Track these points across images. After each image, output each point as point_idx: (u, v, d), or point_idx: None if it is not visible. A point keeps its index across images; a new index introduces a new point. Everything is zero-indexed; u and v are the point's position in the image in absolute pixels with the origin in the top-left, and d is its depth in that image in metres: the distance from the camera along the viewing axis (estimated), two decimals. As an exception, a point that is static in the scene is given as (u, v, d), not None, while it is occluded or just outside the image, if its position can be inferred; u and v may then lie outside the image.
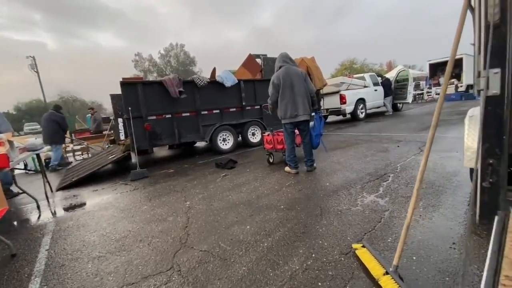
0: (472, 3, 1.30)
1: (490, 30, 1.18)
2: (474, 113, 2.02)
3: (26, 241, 2.50)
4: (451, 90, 13.73)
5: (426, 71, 17.23)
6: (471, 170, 2.22)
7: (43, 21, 72.49)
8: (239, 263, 1.72)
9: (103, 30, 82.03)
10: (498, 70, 1.21)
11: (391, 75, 11.98)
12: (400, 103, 11.00)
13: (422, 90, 16.78)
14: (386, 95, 10.22)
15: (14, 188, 4.10)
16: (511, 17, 1.22)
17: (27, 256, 2.19)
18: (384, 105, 10.42)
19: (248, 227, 2.22)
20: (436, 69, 15.51)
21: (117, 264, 1.89)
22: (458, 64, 13.69)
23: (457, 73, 14.06)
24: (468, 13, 1.28)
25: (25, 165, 5.68)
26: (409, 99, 10.61)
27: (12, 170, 3.67)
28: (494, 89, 1.24)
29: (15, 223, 3.08)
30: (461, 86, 13.75)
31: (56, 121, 6.50)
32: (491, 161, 1.32)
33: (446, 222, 1.93)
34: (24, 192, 3.40)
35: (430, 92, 15.96)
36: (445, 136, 4.89)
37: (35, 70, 26.78)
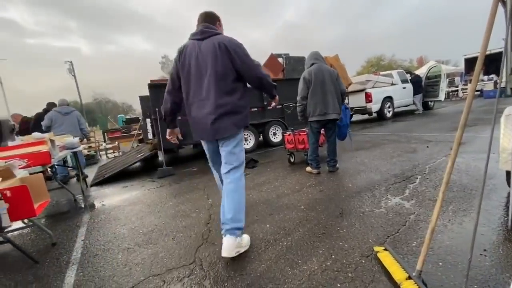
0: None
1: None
2: (511, 112, 1.87)
3: (64, 232, 2.74)
4: (490, 86, 12.69)
5: (461, 67, 16.06)
6: (508, 172, 2.07)
7: (78, 28, 78.84)
8: (258, 261, 1.75)
9: (133, 34, 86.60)
10: (535, 66, 1.12)
11: (421, 72, 11.36)
12: (431, 101, 10.38)
13: (457, 86, 15.68)
14: (416, 93, 9.69)
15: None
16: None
17: (65, 245, 2.40)
18: (414, 103, 9.90)
19: (267, 226, 2.25)
20: (473, 64, 14.37)
21: (144, 256, 2.01)
22: (496, 58, 12.64)
23: (496, 68, 12.96)
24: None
25: (64, 162, 6.19)
26: (442, 96, 9.97)
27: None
28: (531, 87, 1.16)
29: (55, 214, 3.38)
30: (501, 82, 12.65)
31: None
32: (527, 164, 1.23)
33: (477, 227, 1.81)
34: (63, 186, 3.71)
35: (466, 89, 14.88)
36: (481, 136, 4.56)
37: (73, 74, 28.79)
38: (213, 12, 2.02)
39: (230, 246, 1.75)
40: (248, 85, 2.00)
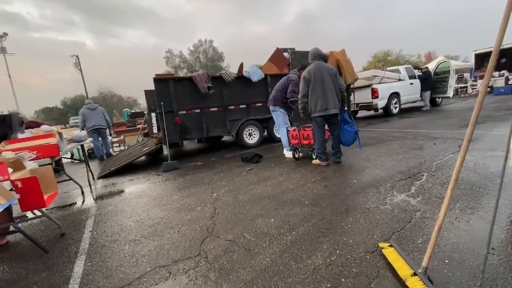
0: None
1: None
2: (524, 109, 1.83)
3: (73, 223, 2.79)
4: (501, 82, 12.42)
5: (471, 62, 15.73)
6: (518, 171, 2.03)
7: (82, 22, 79.36)
8: (262, 254, 1.77)
9: (137, 28, 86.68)
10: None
11: (429, 67, 11.15)
12: (439, 97, 10.20)
13: (466, 83, 15.38)
14: (427, 89, 9.49)
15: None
16: None
17: (74, 236, 2.45)
18: (422, 99, 9.71)
19: (272, 220, 2.26)
20: (483, 59, 14.08)
21: (150, 248, 2.04)
22: (508, 54, 12.35)
23: (508, 64, 12.68)
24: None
25: (72, 155, 6.28)
26: (450, 93, 9.78)
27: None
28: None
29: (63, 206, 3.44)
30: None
31: None
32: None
33: (485, 225, 1.80)
34: (70, 179, 3.77)
35: (475, 85, 14.58)
36: (490, 133, 4.47)
37: (79, 68, 28.92)
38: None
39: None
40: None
